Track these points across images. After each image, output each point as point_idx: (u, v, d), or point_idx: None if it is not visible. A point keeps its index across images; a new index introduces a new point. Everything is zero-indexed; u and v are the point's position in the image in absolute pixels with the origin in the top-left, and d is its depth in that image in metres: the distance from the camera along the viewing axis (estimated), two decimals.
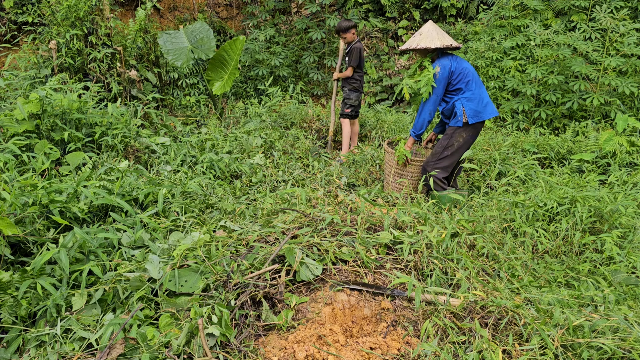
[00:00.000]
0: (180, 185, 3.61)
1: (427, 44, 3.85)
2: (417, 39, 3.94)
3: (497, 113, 3.98)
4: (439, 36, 3.89)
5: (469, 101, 3.84)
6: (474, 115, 3.83)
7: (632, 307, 2.51)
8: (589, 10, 7.01)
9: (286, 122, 6.48)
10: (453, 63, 3.85)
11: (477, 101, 3.85)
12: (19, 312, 2.15)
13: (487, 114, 3.89)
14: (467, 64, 3.93)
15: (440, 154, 3.93)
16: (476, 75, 3.92)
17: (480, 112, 3.85)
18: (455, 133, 3.90)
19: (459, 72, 3.83)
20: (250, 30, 9.81)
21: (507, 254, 2.86)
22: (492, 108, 3.94)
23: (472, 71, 3.90)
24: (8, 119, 4.08)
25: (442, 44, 3.83)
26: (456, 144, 3.90)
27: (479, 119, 3.85)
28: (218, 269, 2.31)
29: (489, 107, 3.92)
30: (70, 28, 5.90)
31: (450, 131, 3.92)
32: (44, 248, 2.53)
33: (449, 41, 3.88)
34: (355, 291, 2.28)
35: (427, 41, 3.87)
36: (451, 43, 3.87)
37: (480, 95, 3.88)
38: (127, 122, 4.77)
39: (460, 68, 3.84)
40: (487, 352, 1.85)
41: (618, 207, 3.31)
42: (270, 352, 1.91)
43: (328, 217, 2.72)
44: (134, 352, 1.95)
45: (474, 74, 3.91)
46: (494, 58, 7.14)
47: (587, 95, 6.10)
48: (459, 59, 3.93)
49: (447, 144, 3.91)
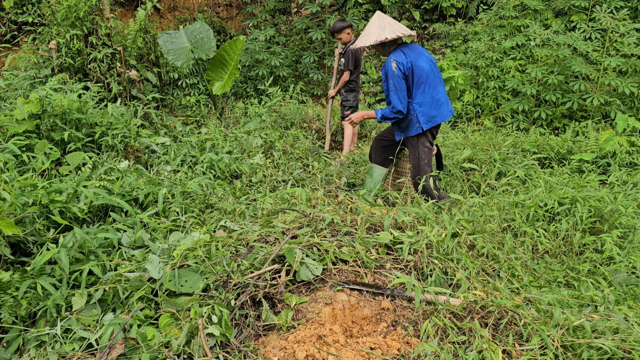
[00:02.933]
0: (180, 185, 3.61)
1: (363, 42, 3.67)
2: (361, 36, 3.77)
3: (451, 114, 3.81)
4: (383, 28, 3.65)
5: (421, 107, 3.67)
6: (428, 121, 3.67)
7: (632, 307, 2.51)
8: (589, 10, 7.00)
9: (286, 122, 6.48)
10: (409, 59, 3.61)
11: (429, 105, 3.67)
12: (19, 312, 2.15)
13: (441, 116, 3.71)
14: (424, 60, 3.70)
15: (419, 166, 3.77)
16: (431, 75, 3.69)
17: (434, 117, 3.68)
18: (418, 142, 3.74)
19: (412, 71, 3.61)
20: (250, 30, 9.81)
21: (507, 254, 2.86)
22: (447, 109, 3.75)
23: (426, 71, 3.66)
24: (8, 119, 4.08)
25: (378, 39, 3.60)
26: (425, 151, 3.74)
27: (433, 123, 3.69)
28: (218, 269, 2.31)
29: (443, 109, 3.74)
30: (70, 28, 5.90)
31: (414, 141, 3.77)
32: (44, 248, 2.53)
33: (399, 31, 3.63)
34: (355, 291, 2.28)
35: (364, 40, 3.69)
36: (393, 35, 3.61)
37: (434, 97, 3.70)
38: (127, 122, 4.77)
39: (414, 67, 3.61)
40: (487, 352, 1.85)
41: (618, 207, 3.31)
42: (270, 352, 1.91)
43: (328, 217, 2.72)
44: (134, 352, 1.95)
45: (429, 74, 3.67)
46: (494, 58, 7.14)
47: (587, 95, 6.10)
48: (416, 54, 3.69)
49: (418, 155, 3.76)
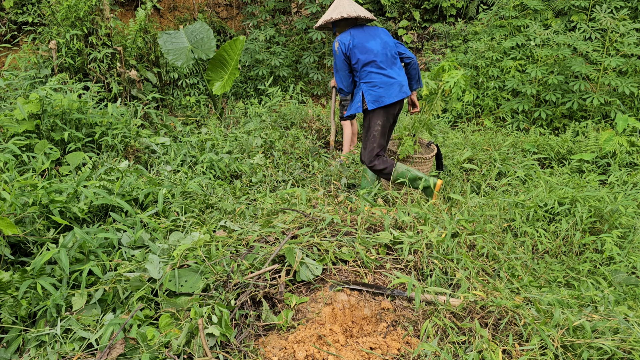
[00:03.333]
0: (180, 185, 3.61)
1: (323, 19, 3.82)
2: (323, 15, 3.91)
3: (405, 95, 3.82)
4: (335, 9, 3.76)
5: (369, 87, 3.71)
6: (374, 101, 3.71)
7: (632, 307, 2.51)
8: (589, 10, 7.00)
9: (286, 122, 6.48)
10: (354, 41, 3.67)
11: (378, 85, 3.70)
12: (19, 312, 2.15)
13: (389, 97, 3.73)
14: (375, 42, 3.72)
15: (365, 144, 3.86)
16: (381, 57, 3.71)
17: (382, 97, 3.72)
18: (367, 118, 3.84)
19: (356, 51, 3.66)
20: (250, 30, 9.81)
21: (507, 254, 2.86)
22: (397, 90, 3.76)
23: (375, 52, 3.68)
24: (8, 119, 4.08)
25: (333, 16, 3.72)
26: (374, 129, 3.81)
27: (381, 104, 3.72)
28: (218, 269, 2.31)
29: (394, 90, 3.74)
30: (70, 28, 5.90)
31: (366, 118, 3.87)
32: (44, 248, 2.53)
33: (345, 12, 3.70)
34: (355, 291, 2.28)
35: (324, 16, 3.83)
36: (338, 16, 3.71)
37: (382, 78, 3.71)
38: (127, 122, 4.77)
39: (357, 48, 3.65)
40: (487, 352, 1.85)
41: (618, 207, 3.31)
42: (270, 352, 1.91)
43: (328, 217, 2.72)
44: (134, 352, 1.95)
45: (378, 54, 3.70)
46: (494, 58, 7.14)
47: (587, 95, 6.09)
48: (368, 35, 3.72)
49: (366, 131, 3.86)
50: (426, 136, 4.93)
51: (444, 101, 4.08)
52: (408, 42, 9.21)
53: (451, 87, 3.77)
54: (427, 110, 4.14)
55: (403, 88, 3.83)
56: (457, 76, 3.75)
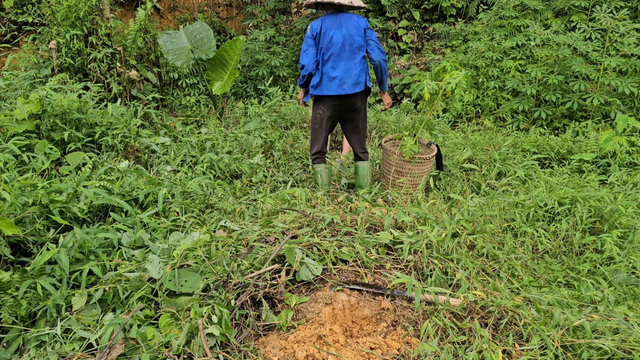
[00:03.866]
0: (180, 185, 3.61)
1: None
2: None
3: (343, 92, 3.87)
4: None
5: (317, 74, 3.87)
6: (315, 89, 3.89)
7: (632, 307, 2.51)
8: (589, 10, 7.00)
9: (286, 122, 6.48)
10: (322, 27, 3.84)
11: (324, 76, 3.84)
12: (19, 312, 2.15)
13: (327, 89, 3.84)
14: (340, 33, 3.82)
15: (312, 128, 4.09)
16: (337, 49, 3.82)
17: (320, 87, 3.87)
18: (314, 105, 4.05)
19: (321, 38, 3.82)
20: (250, 30, 9.81)
21: (507, 254, 2.86)
22: (336, 86, 3.84)
23: (334, 42, 3.80)
24: (8, 119, 4.08)
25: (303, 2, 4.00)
26: (315, 116, 4.03)
27: (319, 92, 3.88)
28: (218, 269, 2.31)
29: (333, 84, 3.84)
30: (70, 28, 5.90)
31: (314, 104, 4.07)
32: (44, 248, 2.53)
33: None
34: (355, 291, 2.28)
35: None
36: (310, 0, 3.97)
37: (328, 70, 3.84)
38: (127, 122, 4.77)
39: (322, 35, 3.81)
40: (487, 352, 1.85)
41: (618, 207, 3.31)
42: (270, 352, 1.91)
43: (328, 217, 2.72)
44: (134, 352, 1.95)
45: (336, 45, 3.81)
46: (494, 58, 7.14)
47: (587, 95, 6.09)
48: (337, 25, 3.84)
49: (312, 118, 4.08)
50: (426, 136, 4.93)
51: (445, 102, 4.08)
52: (408, 42, 9.21)
53: (453, 88, 3.77)
54: (427, 111, 4.14)
55: (344, 85, 3.88)
56: (459, 77, 3.75)
